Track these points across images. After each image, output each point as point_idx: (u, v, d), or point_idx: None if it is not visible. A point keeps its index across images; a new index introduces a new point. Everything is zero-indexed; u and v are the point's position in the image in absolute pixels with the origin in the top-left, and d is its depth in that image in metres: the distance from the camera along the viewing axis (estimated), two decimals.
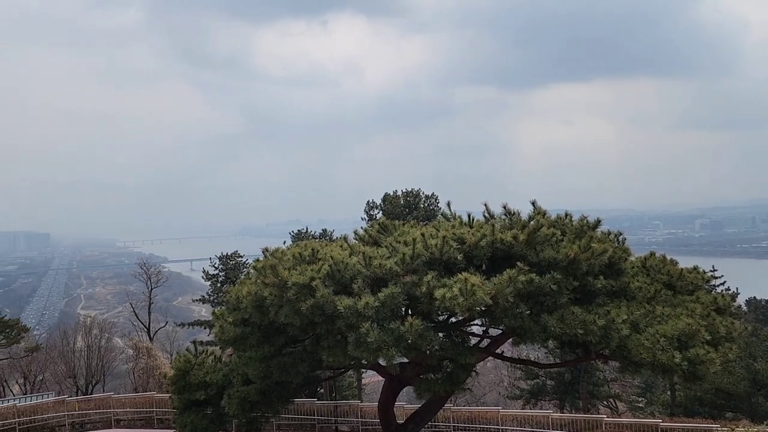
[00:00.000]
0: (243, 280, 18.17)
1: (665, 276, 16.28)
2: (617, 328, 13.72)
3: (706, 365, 13.63)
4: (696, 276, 16.69)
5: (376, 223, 18.41)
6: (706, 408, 32.25)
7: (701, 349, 13.63)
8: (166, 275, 53.22)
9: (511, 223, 15.49)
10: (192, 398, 19.45)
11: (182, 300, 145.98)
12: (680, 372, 13.84)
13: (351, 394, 35.46)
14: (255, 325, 16.62)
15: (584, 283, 14.54)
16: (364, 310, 13.15)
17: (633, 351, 13.62)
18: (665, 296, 15.54)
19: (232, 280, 33.25)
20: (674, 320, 14.32)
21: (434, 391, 16.00)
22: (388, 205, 35.03)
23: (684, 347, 13.77)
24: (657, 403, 36.80)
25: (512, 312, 13.34)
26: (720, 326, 14.77)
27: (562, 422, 25.00)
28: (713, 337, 14.43)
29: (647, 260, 16.86)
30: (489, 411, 27.08)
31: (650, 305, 14.96)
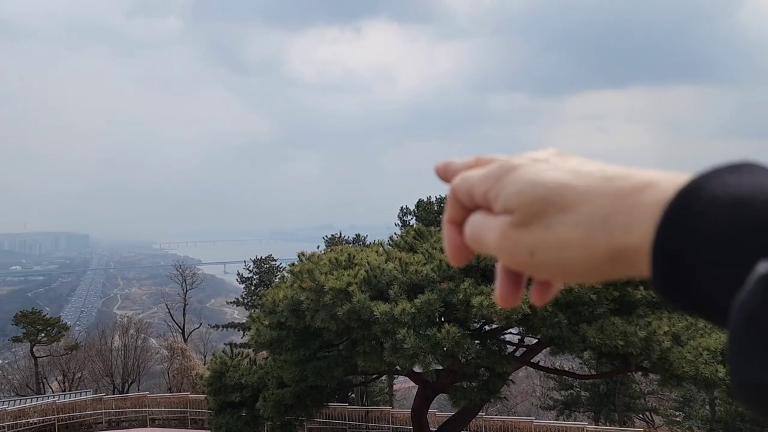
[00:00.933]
0: (279, 284, 18.35)
1: None
2: (659, 340, 13.45)
3: None
4: None
5: (411, 229, 18.41)
6: (747, 424, 31.31)
7: None
8: (200, 277, 54.03)
9: None
10: (227, 400, 19.68)
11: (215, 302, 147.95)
12: (724, 387, 13.51)
13: (382, 399, 35.44)
14: (291, 328, 16.76)
15: (624, 293, 14.30)
16: (400, 316, 13.15)
17: (675, 364, 13.33)
18: None
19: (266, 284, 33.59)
20: (717, 333, 14.00)
21: (469, 400, 15.87)
22: (422, 211, 35.01)
23: (727, 361, 13.41)
24: (696, 418, 35.87)
25: (550, 321, 13.18)
26: None
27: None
28: None
29: None
30: (522, 421, 26.77)
31: (692, 317, 14.63)
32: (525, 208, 0.63)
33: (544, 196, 0.63)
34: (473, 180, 0.69)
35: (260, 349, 19.90)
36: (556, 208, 0.62)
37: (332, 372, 16.79)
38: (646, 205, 0.58)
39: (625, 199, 0.59)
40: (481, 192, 0.67)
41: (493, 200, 0.66)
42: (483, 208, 0.68)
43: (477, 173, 0.69)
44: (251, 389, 19.02)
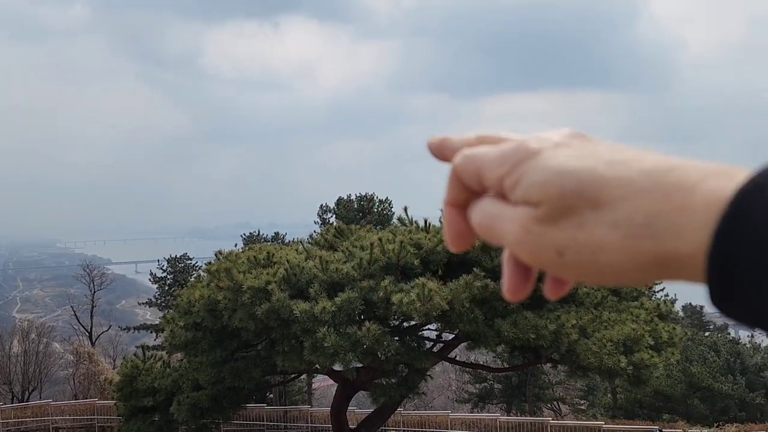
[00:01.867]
0: (195, 283, 17.84)
1: None
2: (567, 332, 14.12)
3: (649, 369, 14.21)
4: None
5: (332, 227, 18.40)
6: (645, 410, 33.51)
7: (645, 354, 14.19)
8: (110, 277, 51.58)
9: None
10: (139, 405, 18.92)
11: (126, 303, 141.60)
12: (625, 376, 14.38)
13: (301, 399, 35.19)
14: (207, 329, 16.34)
15: (535, 288, 14.86)
16: (320, 314, 13.13)
17: (581, 355, 14.05)
18: (611, 302, 16.10)
19: (180, 283, 32.51)
20: (620, 325, 14.87)
21: (389, 396, 16.08)
22: (342, 209, 35.03)
23: (629, 352, 14.31)
24: (599, 406, 37.97)
25: (467, 317, 13.56)
26: (662, 331, 15.41)
27: (509, 425, 25.52)
28: (656, 341, 15.04)
29: None
30: (438, 415, 27.39)
31: (597, 311, 15.47)
32: (552, 202, 0.55)
33: (575, 189, 0.54)
34: (483, 160, 0.61)
35: (175, 351, 19.27)
36: (590, 204, 0.54)
37: (250, 373, 16.52)
38: (698, 206, 0.50)
39: (671, 197, 0.51)
40: (494, 176, 0.59)
41: (511, 188, 0.58)
42: (495, 194, 0.60)
43: (487, 153, 0.61)
44: (165, 393, 18.37)
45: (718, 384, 32.25)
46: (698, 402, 32.53)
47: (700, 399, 32.72)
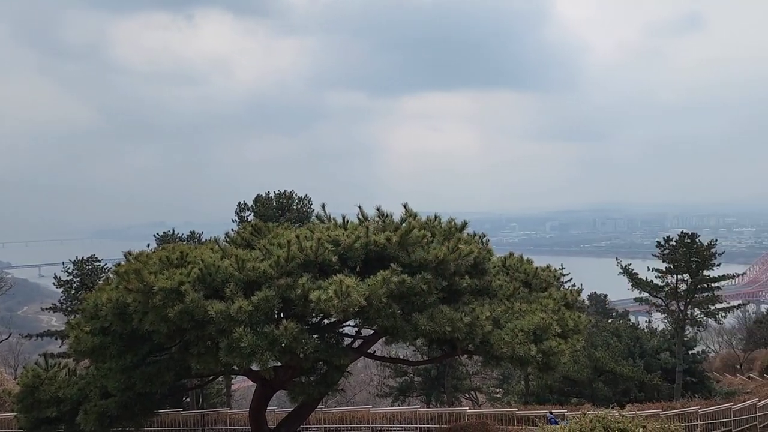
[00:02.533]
0: (102, 286, 17.00)
1: (522, 274, 17.57)
2: (481, 324, 14.59)
3: (557, 356, 14.93)
4: (549, 274, 18.19)
5: (249, 225, 18.09)
6: (555, 395, 35.16)
7: (553, 342, 14.91)
8: (9, 282, 48.30)
9: (384, 225, 15.93)
10: (42, 416, 17.87)
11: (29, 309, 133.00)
12: (536, 363, 15.04)
13: (219, 401, 34.36)
14: (116, 333, 15.64)
15: (452, 282, 15.29)
16: (237, 314, 12.89)
17: (495, 345, 14.56)
18: (522, 293, 16.78)
19: (88, 287, 30.86)
20: (530, 315, 15.53)
21: (308, 394, 16.02)
22: (260, 206, 34.44)
23: (539, 340, 14.97)
24: (513, 393, 39.51)
25: (385, 312, 13.73)
26: (569, 320, 16.23)
27: (429, 416, 26.06)
28: (563, 329, 15.83)
29: (507, 260, 18.09)
30: (359, 410, 27.56)
31: (509, 302, 16.08)
32: None
33: None
34: None
35: (81, 358, 18.32)
36: None
37: (163, 377, 15.98)
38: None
39: None
40: None
41: None
42: None
43: None
44: (70, 402, 17.45)
45: (620, 367, 34.31)
46: (602, 385, 34.49)
47: (604, 382, 34.70)
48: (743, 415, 28.44)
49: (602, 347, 36.09)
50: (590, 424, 5.00)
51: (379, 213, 16.47)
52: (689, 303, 38.25)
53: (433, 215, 17.00)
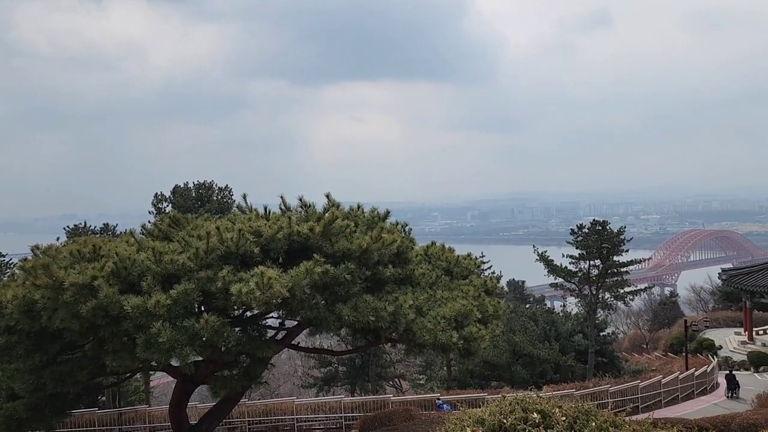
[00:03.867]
0: (7, 283, 15.96)
1: (444, 263, 17.94)
2: (404, 313, 14.78)
3: (478, 341, 15.36)
4: (469, 262, 18.67)
5: (166, 217, 17.48)
6: (476, 379, 36.27)
7: (474, 327, 15.32)
8: None
9: (307, 215, 15.81)
10: None
11: None
12: (457, 349, 15.42)
13: (138, 399, 33.18)
14: (23, 332, 14.74)
15: (375, 272, 15.39)
16: (154, 309, 12.46)
17: (417, 333, 14.79)
18: (444, 281, 17.13)
19: None
20: (452, 303, 15.87)
21: (230, 388, 15.73)
22: (179, 197, 33.38)
23: (460, 326, 15.35)
24: (436, 379, 40.43)
25: (309, 303, 13.66)
26: (489, 306, 16.73)
27: (354, 405, 26.23)
28: (483, 315, 16.30)
29: (429, 249, 18.40)
30: (284, 402, 27.37)
31: (432, 290, 16.38)
32: None
33: None
34: None
35: None
36: None
37: (76, 376, 15.24)
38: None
39: None
40: None
41: None
42: None
43: None
44: None
45: (537, 350, 35.83)
46: (520, 368, 35.89)
47: (522, 365, 36.12)
48: (649, 392, 30.40)
49: (520, 332, 37.52)
50: (509, 406, 5.20)
51: (302, 203, 16.33)
52: (600, 287, 40.39)
53: (356, 205, 17.04)
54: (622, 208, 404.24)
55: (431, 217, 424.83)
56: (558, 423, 4.84)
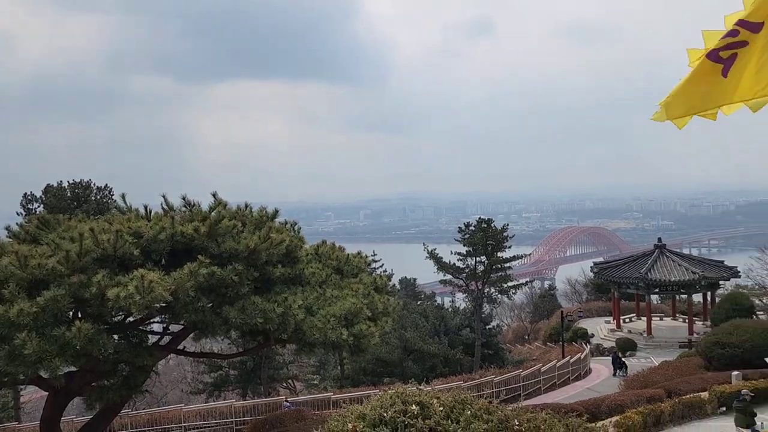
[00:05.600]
0: None
1: (335, 261, 17.99)
2: (294, 313, 14.66)
3: (368, 338, 15.55)
4: (360, 260, 18.85)
5: (35, 218, 16.17)
6: (368, 376, 36.70)
7: (364, 325, 15.49)
8: None
9: (191, 215, 15.24)
10: None
11: None
12: (347, 347, 15.52)
13: (6, 416, 30.48)
14: None
15: (264, 272, 15.16)
16: (18, 317, 11.49)
17: (307, 333, 14.74)
18: (334, 280, 17.18)
19: None
20: (342, 301, 15.95)
21: (108, 399, 14.86)
22: (51, 197, 31.04)
23: (350, 324, 15.46)
24: (329, 378, 40.47)
25: (193, 306, 13.19)
26: (379, 303, 16.98)
27: (245, 409, 25.65)
28: (373, 313, 16.52)
29: (319, 248, 18.39)
30: (171, 410, 26.23)
31: (322, 289, 16.37)
32: None
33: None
34: None
35: None
36: None
37: None
38: None
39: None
40: None
41: None
42: None
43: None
44: None
45: (427, 345, 36.84)
46: (412, 363, 36.75)
47: (413, 360, 36.99)
48: (530, 380, 32.20)
49: (411, 328, 38.40)
50: (390, 400, 5.31)
51: (186, 202, 15.72)
52: (486, 282, 42.27)
53: (244, 204, 16.66)
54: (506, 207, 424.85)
55: (324, 217, 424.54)
56: (436, 413, 5.01)
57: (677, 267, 44.62)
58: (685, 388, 22.47)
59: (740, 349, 26.72)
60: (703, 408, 19.63)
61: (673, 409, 19.02)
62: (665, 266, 45.02)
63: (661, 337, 44.69)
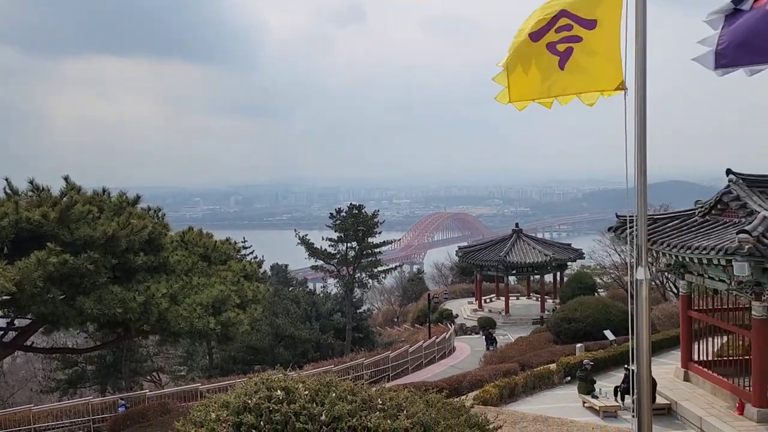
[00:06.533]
0: None
1: (202, 248, 17.46)
2: (157, 302, 14.12)
3: (236, 326, 15.34)
4: (228, 247, 18.46)
5: None
6: (239, 365, 36.05)
7: (232, 312, 15.25)
8: None
9: (39, 200, 14.07)
10: None
11: None
12: (215, 335, 15.21)
13: None
14: None
15: (124, 260, 14.41)
16: None
17: (172, 322, 14.26)
18: (201, 267, 16.70)
19: None
20: (209, 289, 15.59)
21: None
22: None
23: (218, 312, 15.15)
24: (197, 369, 39.20)
25: (42, 298, 12.26)
26: (248, 290, 16.76)
27: (104, 406, 24.25)
28: (242, 300, 16.30)
29: (185, 235, 17.75)
30: (18, 411, 24.12)
31: (188, 277, 15.87)
32: None
33: None
34: None
35: None
36: None
37: None
38: None
39: None
40: None
41: None
42: None
43: None
44: None
45: (299, 331, 36.87)
46: (283, 349, 36.61)
47: (284, 347, 36.87)
48: (398, 361, 33.35)
49: (283, 314, 38.18)
50: (255, 387, 5.32)
51: (33, 186, 14.48)
52: (357, 267, 43.01)
53: (101, 189, 15.64)
54: (378, 193, 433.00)
55: (193, 203, 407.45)
56: (301, 397, 5.10)
57: (532, 250, 48.21)
58: (537, 361, 24.44)
59: (584, 323, 29.49)
60: (551, 378, 21.48)
61: (526, 381, 20.64)
62: (522, 249, 48.47)
63: (517, 315, 48.10)
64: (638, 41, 6.17)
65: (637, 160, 6.22)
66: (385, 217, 49.86)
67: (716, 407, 16.51)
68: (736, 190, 16.56)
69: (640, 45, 6.17)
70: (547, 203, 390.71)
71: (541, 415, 15.27)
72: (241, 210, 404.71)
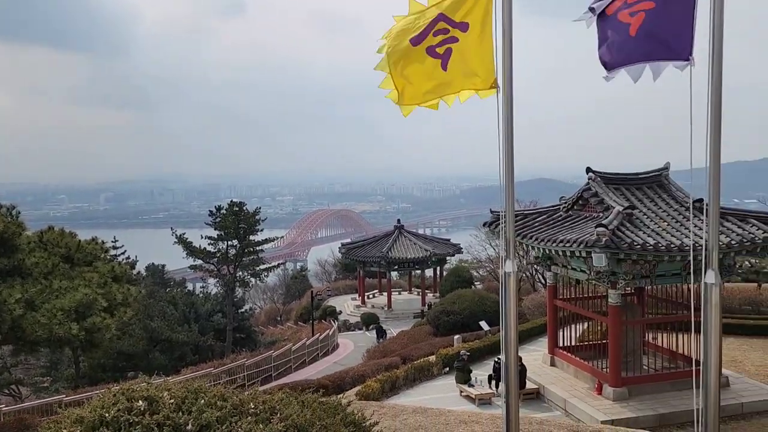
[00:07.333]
0: None
1: (64, 249, 16.16)
2: (10, 308, 12.88)
3: (102, 332, 14.33)
4: (95, 247, 17.22)
5: None
6: (109, 373, 33.77)
7: (98, 317, 14.24)
8: None
9: None
10: None
11: None
12: (78, 342, 14.12)
13: None
14: None
15: None
16: None
17: (28, 330, 13.08)
18: (63, 269, 15.46)
19: None
20: (72, 292, 14.46)
21: None
22: None
23: (82, 318, 14.07)
24: (62, 379, 36.26)
25: None
26: (117, 293, 15.74)
27: None
28: (110, 304, 15.26)
29: (44, 235, 16.34)
30: None
31: (47, 280, 14.64)
32: None
33: None
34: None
35: None
36: None
37: None
38: None
39: None
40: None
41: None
42: None
43: None
44: None
45: (176, 334, 35.20)
46: (159, 354, 34.78)
47: (160, 351, 35.04)
48: (281, 360, 32.83)
49: (158, 317, 36.27)
50: (113, 398, 4.94)
51: None
52: (238, 266, 41.81)
53: None
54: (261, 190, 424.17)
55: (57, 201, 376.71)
56: (165, 406, 4.80)
57: (413, 245, 49.44)
58: (417, 354, 25.07)
59: (461, 315, 30.68)
60: (431, 370, 22.12)
61: (407, 374, 21.10)
62: (403, 245, 49.55)
63: (399, 310, 49.13)
64: (505, 44, 6.44)
65: (504, 158, 6.50)
66: (267, 214, 48.94)
67: (578, 389, 17.80)
68: (595, 187, 17.93)
69: (507, 48, 6.45)
70: (428, 200, 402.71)
71: (420, 406, 15.64)
72: (113, 208, 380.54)
